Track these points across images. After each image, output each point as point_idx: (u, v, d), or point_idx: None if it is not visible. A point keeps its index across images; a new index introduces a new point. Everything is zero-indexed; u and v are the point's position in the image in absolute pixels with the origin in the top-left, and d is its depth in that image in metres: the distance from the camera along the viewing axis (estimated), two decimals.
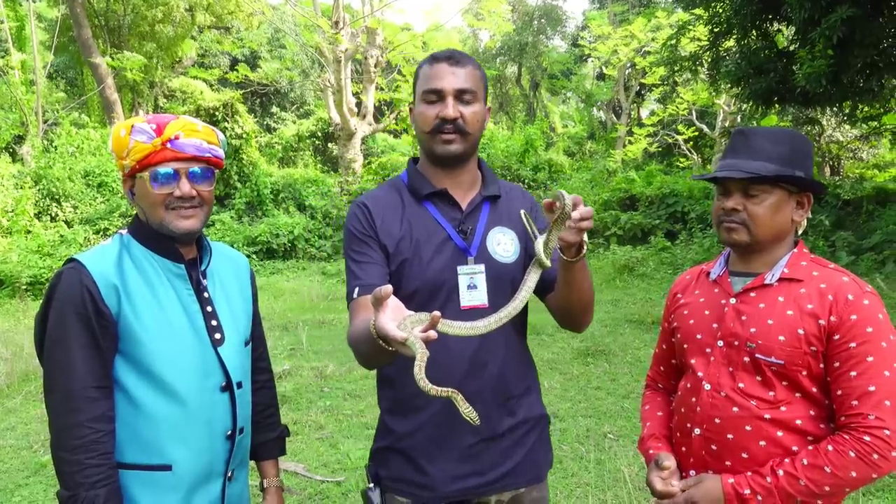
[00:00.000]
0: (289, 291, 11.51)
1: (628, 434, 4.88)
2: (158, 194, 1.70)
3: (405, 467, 1.81)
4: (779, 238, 1.73)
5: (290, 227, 14.82)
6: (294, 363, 7.00)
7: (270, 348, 7.29)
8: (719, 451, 1.69)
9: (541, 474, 1.90)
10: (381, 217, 1.82)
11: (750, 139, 1.71)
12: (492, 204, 1.89)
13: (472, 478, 1.79)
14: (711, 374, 1.72)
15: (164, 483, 1.68)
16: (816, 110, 11.75)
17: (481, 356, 1.77)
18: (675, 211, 13.99)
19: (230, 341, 1.80)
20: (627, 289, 10.52)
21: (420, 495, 1.80)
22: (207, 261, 1.86)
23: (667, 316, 1.95)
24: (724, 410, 1.68)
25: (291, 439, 4.99)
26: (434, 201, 1.85)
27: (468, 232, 1.82)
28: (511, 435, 1.83)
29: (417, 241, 1.79)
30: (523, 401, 1.86)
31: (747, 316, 1.70)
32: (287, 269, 14.16)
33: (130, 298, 1.67)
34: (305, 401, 5.94)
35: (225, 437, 1.76)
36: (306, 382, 6.41)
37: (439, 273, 1.77)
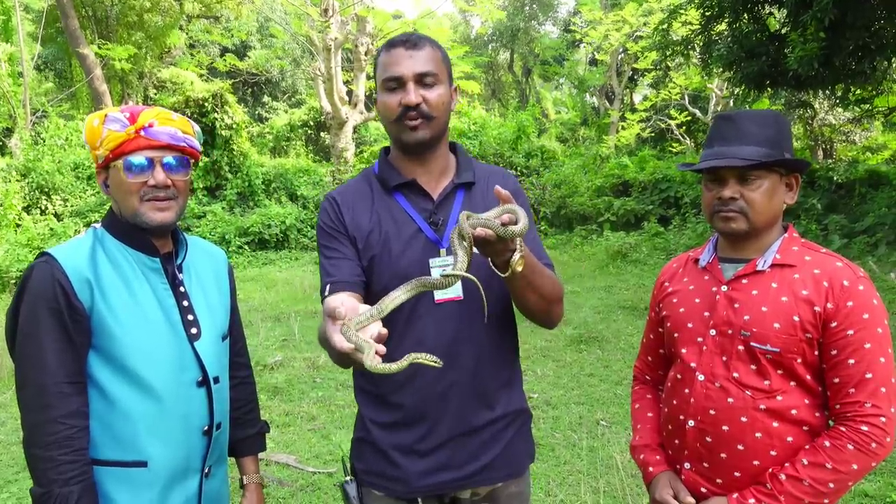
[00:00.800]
0: (281, 282, 11.48)
1: (621, 421, 4.87)
2: (132, 183, 1.67)
3: (379, 461, 1.78)
4: (772, 223, 1.70)
5: (282, 218, 14.76)
6: (286, 354, 6.97)
7: (262, 339, 7.29)
8: (714, 443, 1.66)
9: (520, 469, 1.85)
10: (351, 210, 1.78)
11: (738, 124, 1.67)
12: (466, 191, 1.82)
13: (447, 472, 1.76)
14: (704, 364, 1.69)
15: (139, 479, 1.65)
16: (809, 93, 11.71)
17: (456, 348, 1.72)
18: (668, 196, 13.98)
19: (207, 336, 1.78)
20: (620, 275, 10.51)
21: (393, 489, 1.77)
22: (183, 254, 1.83)
23: (654, 305, 1.92)
24: (718, 401, 1.65)
25: (283, 430, 5.00)
26: (404, 192, 1.79)
27: (440, 223, 1.76)
28: (488, 429, 1.78)
29: (387, 235, 1.74)
30: (501, 394, 1.80)
31: (740, 303, 1.67)
32: (279, 259, 14.13)
33: (104, 293, 1.64)
34: (297, 392, 5.92)
35: (202, 433, 1.74)
36: (298, 373, 6.39)
37: (410, 268, 1.70)
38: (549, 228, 14.70)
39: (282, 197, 16.09)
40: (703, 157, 1.72)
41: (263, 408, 5.45)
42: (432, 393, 1.71)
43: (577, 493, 3.82)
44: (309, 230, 15.18)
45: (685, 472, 1.73)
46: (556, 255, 12.45)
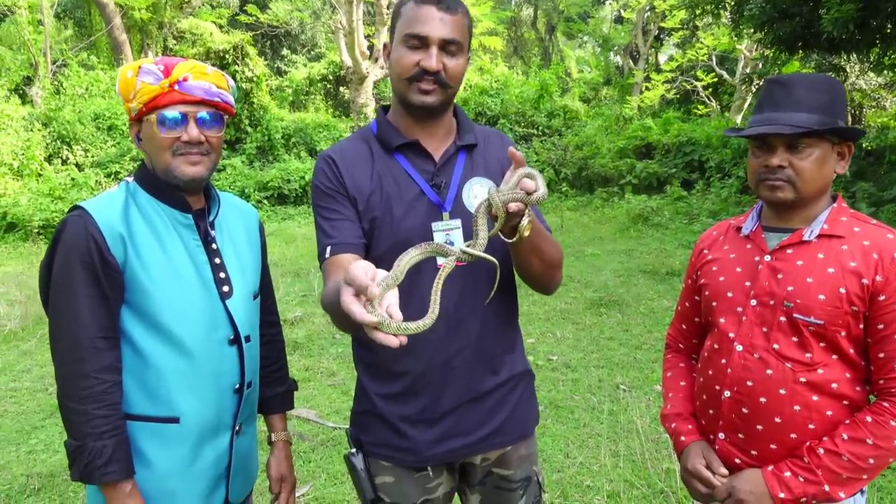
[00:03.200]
0: (300, 237, 11.51)
1: (641, 385, 4.88)
2: (165, 138, 1.65)
3: (385, 432, 1.76)
4: (821, 192, 1.65)
5: (301, 173, 14.74)
6: (306, 310, 7.02)
7: (282, 295, 7.36)
8: (750, 414, 1.64)
9: (527, 431, 1.85)
10: (350, 171, 1.71)
11: (790, 88, 1.61)
12: (468, 154, 1.78)
13: (456, 439, 1.74)
14: (744, 335, 1.66)
15: (171, 435, 1.66)
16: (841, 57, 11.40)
17: (459, 315, 1.69)
18: (692, 160, 13.81)
19: (238, 294, 1.77)
20: (641, 238, 10.43)
21: (403, 459, 1.76)
22: (216, 211, 1.81)
23: (691, 272, 1.88)
24: (756, 373, 1.62)
25: (304, 385, 5.05)
26: (405, 153, 1.74)
27: (442, 185, 1.71)
28: (495, 394, 1.77)
29: (388, 197, 1.69)
30: (506, 358, 1.79)
31: (784, 274, 1.63)
32: (298, 214, 14.15)
33: (137, 248, 1.63)
34: (317, 347, 5.96)
35: (233, 391, 1.74)
36: (318, 329, 6.43)
37: (412, 231, 1.66)
38: (570, 190, 14.58)
39: (301, 152, 16.06)
40: (751, 122, 1.66)
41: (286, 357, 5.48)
42: (437, 360, 1.69)
43: (597, 455, 3.83)
44: None
45: (719, 443, 1.71)
46: (577, 217, 12.37)
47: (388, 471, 1.77)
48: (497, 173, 1.75)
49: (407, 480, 1.77)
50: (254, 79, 15.46)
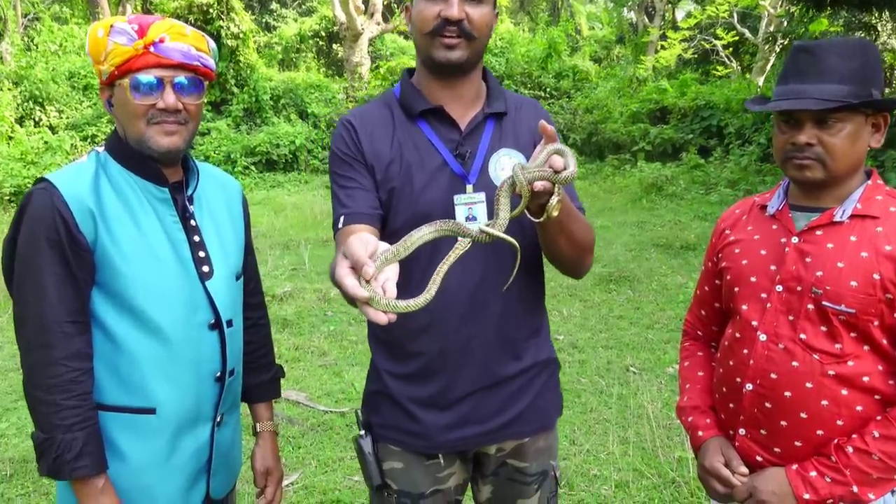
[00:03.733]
0: (290, 206, 11.49)
1: (652, 368, 4.88)
2: (139, 105, 1.60)
3: (396, 414, 1.76)
4: (854, 169, 1.60)
5: (291, 137, 14.69)
6: (296, 285, 7.01)
7: (270, 269, 7.34)
8: (774, 409, 1.61)
9: (549, 422, 1.85)
10: (369, 137, 1.71)
11: (818, 56, 1.56)
12: (496, 122, 1.75)
13: (471, 426, 1.74)
14: (768, 323, 1.63)
15: (147, 427, 1.64)
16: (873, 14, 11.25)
17: (481, 295, 1.68)
18: (710, 125, 13.73)
19: (219, 275, 1.73)
20: (655, 210, 10.39)
21: (413, 444, 1.76)
22: (194, 184, 1.77)
23: (711, 254, 1.85)
24: (781, 364, 1.60)
25: (293, 366, 5.07)
26: (429, 120, 1.72)
27: (467, 155, 1.70)
28: (516, 380, 1.76)
29: (409, 166, 1.68)
30: (530, 343, 1.78)
31: (812, 257, 1.59)
32: (288, 182, 14.12)
33: (108, 225, 1.59)
34: (308, 325, 5.97)
35: (213, 379, 1.72)
36: (309, 305, 6.43)
37: (433, 203, 1.65)
38: (579, 157, 14.52)
39: (291, 114, 15.98)
40: (776, 94, 1.61)
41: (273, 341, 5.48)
42: (454, 341, 1.69)
43: (605, 443, 3.84)
44: (320, 151, 15.14)
45: (739, 439, 1.69)
46: (586, 187, 12.32)
47: (398, 456, 1.78)
48: (528, 146, 1.73)
49: (416, 467, 1.77)
50: (240, 35, 15.29)
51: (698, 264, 7.35)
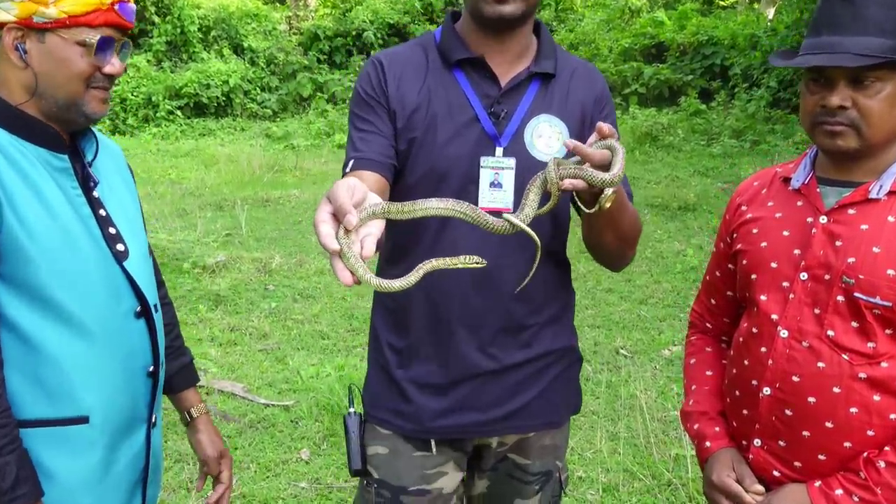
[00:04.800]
0: (223, 159, 11.40)
1: (645, 350, 4.91)
2: (88, 66, 1.59)
3: (389, 391, 1.84)
4: (894, 137, 1.57)
5: (224, 76, 14.61)
6: (231, 253, 6.93)
7: (201, 234, 7.26)
8: (795, 417, 1.59)
9: (558, 419, 1.91)
10: (398, 79, 1.77)
11: (856, 5, 1.51)
12: (542, 83, 1.79)
13: (468, 413, 1.80)
14: (790, 317, 1.60)
15: (80, 439, 1.61)
16: None
17: (496, 274, 1.72)
18: (713, 64, 13.79)
19: (135, 253, 1.71)
20: (649, 163, 10.43)
21: (402, 427, 1.83)
22: (93, 149, 1.72)
23: (724, 233, 1.82)
24: (805, 366, 1.58)
25: (228, 350, 5.05)
26: (466, 70, 1.78)
27: (502, 115, 1.74)
28: (523, 369, 1.83)
29: (434, 117, 1.74)
30: (544, 331, 1.84)
31: (844, 240, 1.56)
32: (221, 129, 14.06)
33: (12, 202, 1.52)
34: (245, 302, 5.91)
35: (146, 375, 1.74)
36: (246, 278, 6.37)
37: (455, 160, 1.73)
38: None
39: (224, 49, 15.82)
40: (805, 47, 1.57)
41: (202, 321, 5.48)
42: (460, 319, 1.77)
43: (591, 439, 3.85)
44: (258, 93, 15.03)
45: (754, 451, 1.68)
46: None
47: (384, 440, 1.85)
48: (575, 116, 1.79)
49: (403, 456, 1.84)
50: None
51: (698, 228, 7.41)
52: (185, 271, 6.32)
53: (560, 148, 1.75)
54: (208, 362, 4.78)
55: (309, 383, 4.51)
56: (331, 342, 5.16)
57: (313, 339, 5.21)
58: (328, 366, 4.66)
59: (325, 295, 6.01)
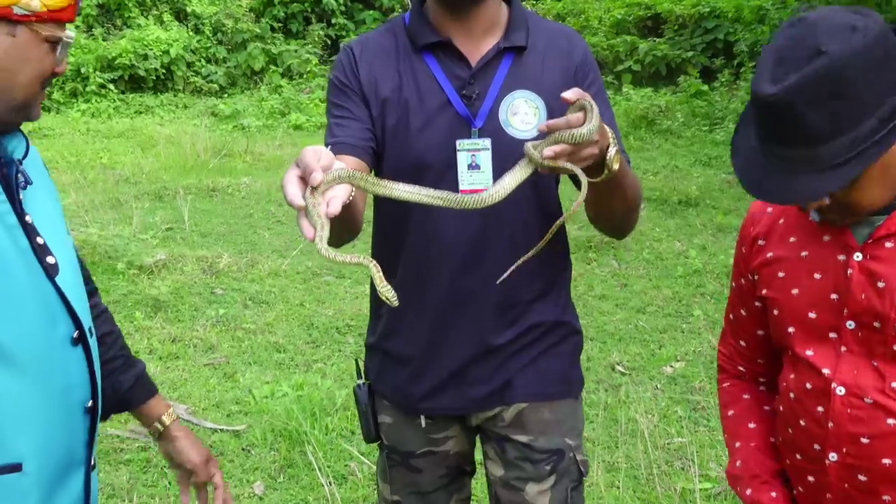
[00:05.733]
0: (163, 141, 11.26)
1: (644, 367, 4.89)
2: (50, 65, 1.62)
3: (387, 366, 2.08)
4: None
5: (164, 45, 14.44)
6: (172, 251, 6.83)
7: (137, 228, 7.19)
8: (872, 482, 1.56)
9: (549, 391, 2.03)
10: (369, 66, 1.94)
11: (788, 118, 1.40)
12: (515, 57, 1.93)
13: (451, 392, 1.99)
14: (845, 372, 1.56)
15: (13, 490, 1.57)
16: None
17: (480, 249, 1.91)
18: (716, 39, 13.84)
19: (66, 268, 1.67)
20: (645, 151, 10.46)
21: (399, 403, 2.07)
22: (24, 149, 1.69)
23: (743, 269, 1.77)
24: (873, 425, 1.53)
25: (170, 365, 5.06)
26: (436, 53, 1.92)
27: (474, 96, 1.89)
28: (509, 346, 1.99)
29: (406, 104, 1.90)
30: (532, 307, 1.99)
31: (886, 280, 1.51)
32: (160, 106, 13.92)
33: None
34: (189, 308, 5.84)
35: (84, 411, 1.70)
36: (190, 281, 6.29)
37: (431, 148, 1.88)
38: None
39: (164, 15, 15.65)
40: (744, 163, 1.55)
41: (139, 330, 5.44)
42: (445, 299, 1.94)
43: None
44: (204, 65, 15.00)
45: None
46: None
47: (388, 410, 2.11)
48: (553, 87, 1.86)
49: (406, 425, 2.08)
50: None
51: (701, 225, 7.43)
52: (118, 272, 6.21)
53: (537, 123, 1.87)
54: None
55: (263, 405, 4.44)
56: (287, 356, 5.10)
57: (267, 353, 5.15)
58: (285, 384, 4.60)
59: (281, 300, 5.95)
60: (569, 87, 1.79)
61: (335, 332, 5.42)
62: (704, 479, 3.65)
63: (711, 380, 4.64)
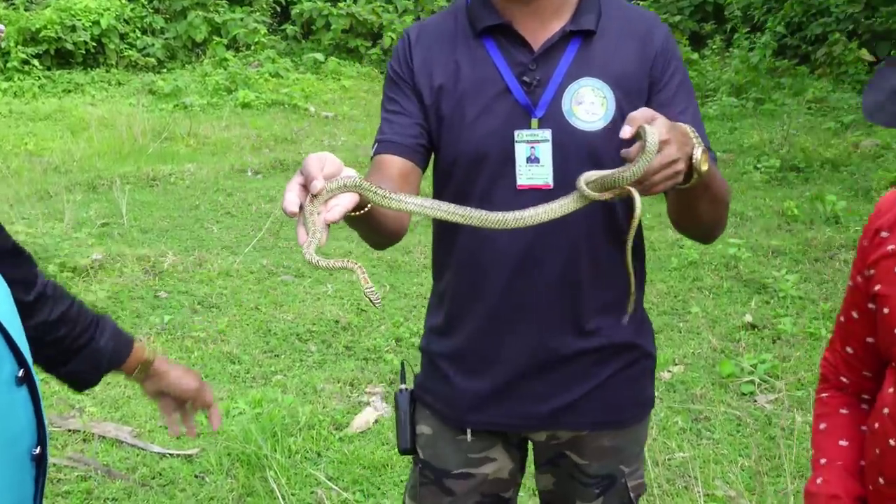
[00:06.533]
0: (96, 123, 11.18)
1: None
2: None
3: (431, 373, 2.13)
4: None
5: (94, 15, 14.25)
6: (109, 250, 6.77)
7: (68, 225, 7.11)
8: None
9: (618, 419, 2.08)
10: (424, 54, 1.98)
11: None
12: (584, 42, 1.92)
13: (510, 404, 2.02)
14: None
15: None
16: None
17: (538, 253, 1.92)
18: (706, 2, 13.93)
19: (2, 291, 1.65)
20: None
21: (443, 413, 2.10)
22: None
23: (861, 265, 1.74)
24: None
25: (111, 383, 4.88)
26: (496, 37, 1.94)
27: (533, 84, 1.90)
28: (570, 364, 2.00)
29: (463, 93, 1.93)
30: (603, 319, 1.99)
31: None
32: (91, 84, 13.79)
33: None
34: (130, 315, 5.79)
35: (30, 459, 1.66)
36: (130, 283, 6.24)
37: (487, 138, 1.91)
38: None
39: None
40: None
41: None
42: (501, 306, 1.97)
43: None
44: (139, 36, 14.95)
45: None
46: None
47: (428, 420, 2.15)
48: (625, 75, 1.91)
49: (444, 439, 2.12)
50: None
51: None
52: (49, 276, 6.03)
53: (604, 114, 1.88)
54: (83, 398, 4.63)
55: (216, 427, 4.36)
56: (243, 368, 5.05)
57: (220, 365, 5.09)
58: (241, 401, 4.54)
59: (234, 304, 5.90)
60: (644, 75, 1.91)
61: (295, 340, 5.38)
62: (710, 500, 3.63)
63: (714, 386, 4.66)
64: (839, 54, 12.16)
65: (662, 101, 1.87)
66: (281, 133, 11.49)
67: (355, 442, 4.19)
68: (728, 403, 4.44)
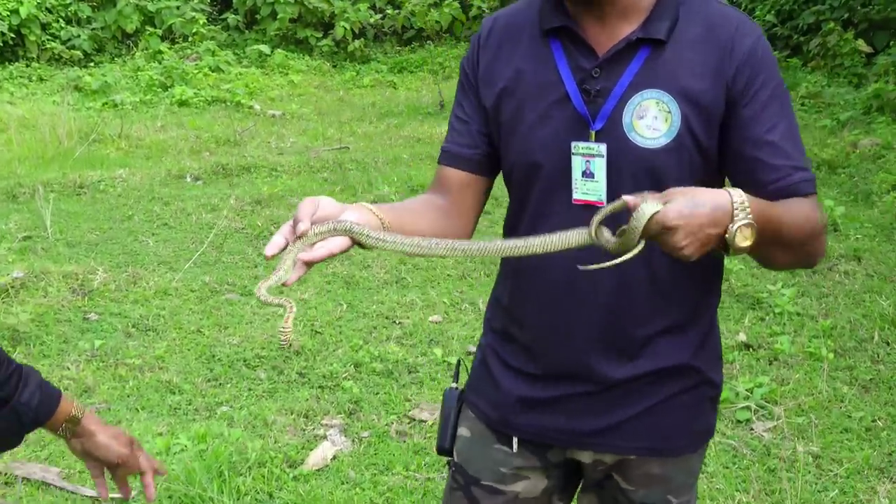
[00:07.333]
0: (15, 124, 11.18)
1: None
2: None
3: (482, 372, 2.20)
4: None
5: (12, 4, 14.30)
6: (32, 266, 6.70)
7: None
8: None
9: (668, 447, 2.09)
10: (493, 51, 2.04)
11: None
12: (654, 50, 1.90)
13: (556, 415, 2.06)
14: None
15: None
16: None
17: (578, 276, 1.89)
18: None
19: None
20: None
21: (489, 416, 2.16)
22: None
23: None
24: None
25: None
26: (562, 39, 1.94)
27: (593, 93, 1.90)
28: (623, 386, 2.02)
29: (523, 99, 1.96)
30: (656, 344, 2.01)
31: None
32: (9, 80, 13.90)
33: None
34: (56, 340, 5.71)
35: None
36: (56, 304, 6.16)
37: (543, 147, 1.94)
38: None
39: None
40: None
41: None
42: (552, 321, 2.02)
43: None
44: (63, 27, 14.88)
45: None
46: None
47: (470, 422, 2.22)
48: (695, 88, 1.86)
49: (481, 444, 2.19)
50: None
51: None
52: None
53: (667, 130, 1.86)
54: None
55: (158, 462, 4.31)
56: (184, 399, 4.97)
57: (159, 395, 5.02)
58: (182, 436, 4.47)
59: (173, 327, 5.84)
60: (720, 90, 1.86)
61: (242, 366, 5.32)
62: None
63: None
64: (834, 45, 12.28)
65: (746, 118, 1.85)
66: (223, 134, 11.47)
67: (311, 481, 4.13)
68: (722, 432, 4.43)
